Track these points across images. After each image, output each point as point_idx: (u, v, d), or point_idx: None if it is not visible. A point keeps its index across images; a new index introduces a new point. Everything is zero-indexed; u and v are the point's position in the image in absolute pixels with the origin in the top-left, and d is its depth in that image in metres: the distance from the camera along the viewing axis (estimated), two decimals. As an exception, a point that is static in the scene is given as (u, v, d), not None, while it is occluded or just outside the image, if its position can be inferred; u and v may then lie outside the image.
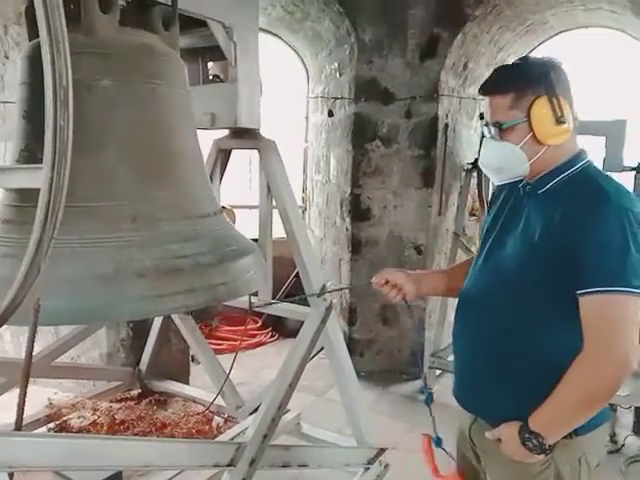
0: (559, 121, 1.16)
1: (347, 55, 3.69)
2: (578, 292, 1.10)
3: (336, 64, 3.91)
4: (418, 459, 1.45)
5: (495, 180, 1.32)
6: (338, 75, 3.90)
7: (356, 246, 3.77)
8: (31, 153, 1.36)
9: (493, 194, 1.42)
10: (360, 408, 2.35)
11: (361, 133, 3.63)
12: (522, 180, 1.28)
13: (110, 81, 1.38)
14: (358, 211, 3.73)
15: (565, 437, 1.17)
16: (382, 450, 2.31)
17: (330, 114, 3.98)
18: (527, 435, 1.14)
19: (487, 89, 1.24)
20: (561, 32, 4.14)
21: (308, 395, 3.30)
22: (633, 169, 2.99)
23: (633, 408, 2.97)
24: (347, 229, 3.80)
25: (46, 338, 2.95)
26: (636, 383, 2.56)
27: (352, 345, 3.64)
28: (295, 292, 4.09)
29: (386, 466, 2.34)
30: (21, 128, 1.43)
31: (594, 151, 3.09)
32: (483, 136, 1.28)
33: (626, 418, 3.03)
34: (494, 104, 1.22)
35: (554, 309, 1.16)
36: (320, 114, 4.31)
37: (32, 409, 2.66)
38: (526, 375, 1.18)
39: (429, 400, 1.47)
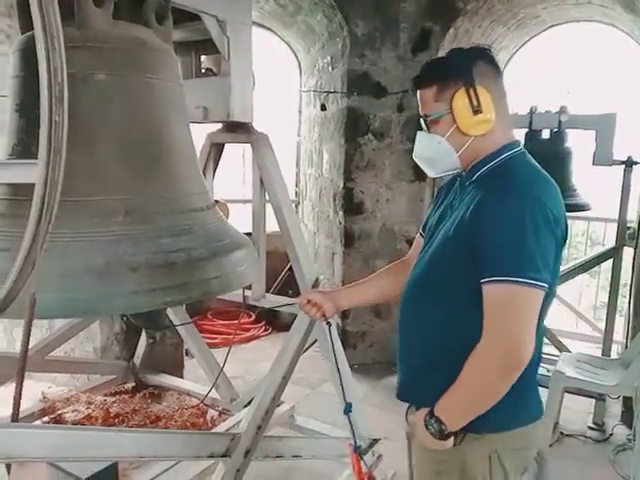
0: (475, 110, 1.17)
1: (340, 49, 3.70)
2: (480, 281, 1.11)
3: (329, 58, 3.91)
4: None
5: (430, 173, 1.34)
6: (331, 69, 3.90)
7: (349, 239, 3.79)
8: (25, 147, 1.36)
9: (438, 191, 1.45)
10: (354, 400, 2.37)
11: (354, 127, 3.63)
12: (460, 174, 1.30)
13: (104, 75, 1.38)
14: (351, 205, 3.75)
15: (475, 431, 1.19)
16: (375, 441, 2.34)
17: (323, 108, 3.98)
18: (429, 419, 1.17)
19: (415, 82, 1.27)
20: (552, 26, 4.16)
21: (302, 388, 3.32)
22: (622, 163, 3.02)
23: (621, 398, 3.02)
24: (340, 222, 3.82)
25: (39, 332, 2.95)
26: (624, 373, 2.60)
27: (345, 337, 3.67)
28: (288, 286, 4.11)
29: (379, 456, 2.38)
30: (14, 122, 1.43)
31: (584, 145, 3.13)
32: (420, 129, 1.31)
33: (615, 408, 3.08)
34: (422, 96, 1.25)
35: (467, 299, 1.17)
36: (313, 108, 4.31)
37: (26, 403, 2.66)
38: (445, 362, 1.19)
39: (348, 410, 1.55)
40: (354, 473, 1.47)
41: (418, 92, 1.27)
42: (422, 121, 1.27)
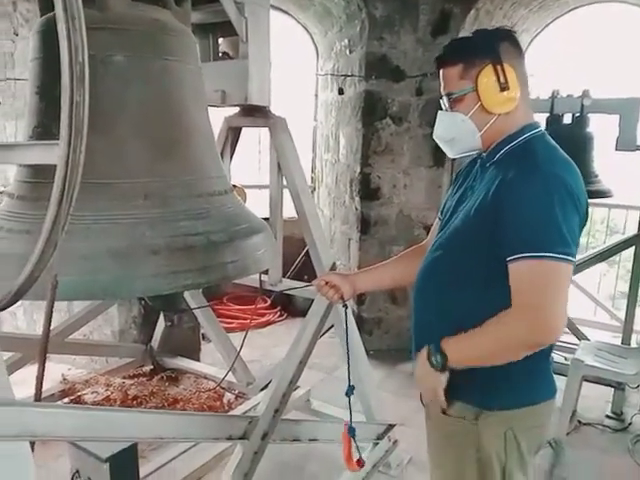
0: (502, 88, 1.17)
1: (357, 32, 3.64)
2: (507, 259, 1.10)
3: (346, 41, 3.86)
4: (425, 436, 1.47)
5: (450, 153, 1.33)
6: (348, 52, 3.85)
7: (365, 225, 3.76)
8: (45, 129, 1.37)
9: (455, 176, 1.44)
10: (369, 386, 2.38)
11: (371, 111, 3.59)
12: (480, 156, 1.30)
13: (123, 57, 1.38)
14: (368, 190, 3.72)
15: (490, 409, 1.21)
16: (391, 426, 2.34)
17: (340, 92, 3.94)
18: (434, 350, 1.18)
19: (440, 61, 1.26)
20: (575, 8, 4.05)
21: (318, 373, 3.33)
22: (647, 148, 2.94)
23: (641, 387, 2.98)
24: (356, 208, 3.80)
25: (58, 315, 3.00)
26: (645, 362, 2.57)
27: (361, 324, 3.66)
28: (304, 272, 4.12)
29: (395, 442, 2.38)
30: (34, 105, 1.43)
31: (607, 129, 3.06)
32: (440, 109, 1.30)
33: (634, 397, 3.04)
34: (446, 75, 1.25)
35: (486, 280, 1.17)
36: (330, 92, 4.27)
37: (46, 385, 2.69)
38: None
39: (350, 392, 1.54)
40: (343, 454, 1.48)
41: (441, 71, 1.26)
42: (444, 101, 1.26)
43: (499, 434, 1.22)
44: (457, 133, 1.26)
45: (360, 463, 1.49)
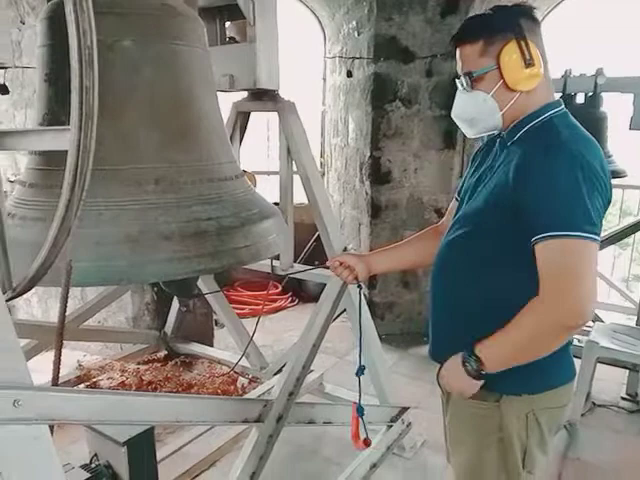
0: (528, 64, 1.13)
1: (366, 13, 3.59)
2: (532, 240, 1.08)
3: (354, 22, 3.81)
4: (439, 419, 1.48)
5: (469, 133, 1.30)
6: (356, 34, 3.80)
7: (376, 210, 3.74)
8: (55, 116, 1.37)
9: (473, 156, 1.41)
10: (382, 369, 2.38)
11: (381, 94, 3.55)
12: (499, 135, 1.27)
13: (131, 41, 1.37)
14: (378, 174, 3.69)
15: (514, 393, 1.20)
16: (404, 409, 2.35)
17: (349, 75, 3.90)
18: (468, 356, 1.17)
19: (458, 39, 1.22)
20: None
21: (330, 357, 3.35)
22: (663, 127, 2.89)
23: (656, 369, 2.96)
24: (367, 193, 3.78)
25: (72, 302, 3.03)
26: (660, 343, 2.55)
27: (373, 308, 3.66)
28: (314, 257, 4.12)
29: (408, 424, 2.39)
30: (43, 92, 1.43)
31: (622, 109, 3.00)
32: (456, 89, 1.26)
33: (648, 379, 3.03)
34: (465, 54, 1.20)
35: (507, 260, 1.16)
36: (338, 75, 4.22)
37: (62, 371, 2.70)
38: (483, 320, 1.18)
39: (360, 372, 1.52)
40: (351, 433, 1.48)
41: (459, 49, 1.22)
42: (462, 80, 1.21)
43: (521, 416, 1.22)
44: (477, 112, 1.22)
45: (367, 442, 1.50)
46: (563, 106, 1.22)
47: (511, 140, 1.21)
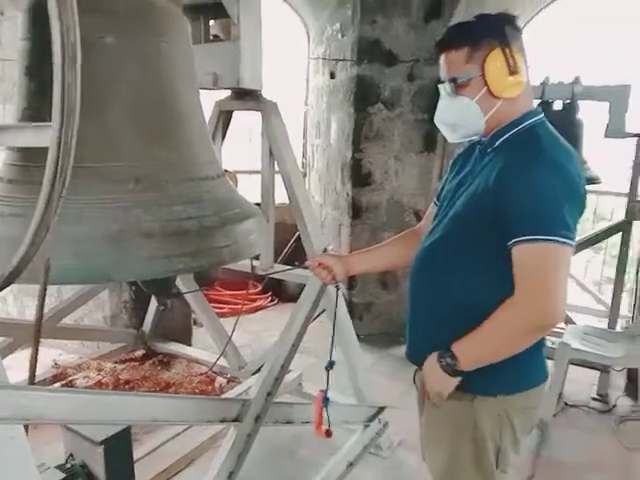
0: (512, 71, 1.16)
1: (350, 15, 3.61)
2: (509, 243, 1.11)
3: (338, 24, 3.82)
4: (416, 418, 1.50)
5: (451, 138, 1.32)
6: (340, 36, 3.82)
7: (356, 211, 3.76)
8: (35, 111, 1.35)
9: (453, 161, 1.43)
10: (359, 369, 2.40)
11: (363, 96, 3.57)
12: (479, 141, 1.29)
13: (114, 38, 1.36)
14: (359, 176, 3.71)
15: (488, 394, 1.23)
16: (381, 409, 2.37)
17: (332, 76, 3.91)
18: (444, 353, 1.20)
19: (443, 45, 1.24)
20: (568, -7, 4.04)
21: (309, 357, 3.34)
22: (636, 135, 2.97)
23: (625, 370, 3.04)
24: (348, 194, 3.80)
25: (49, 300, 2.98)
26: (630, 345, 2.62)
27: (352, 308, 3.68)
28: (295, 257, 4.12)
29: (385, 424, 2.42)
30: (23, 86, 1.41)
31: (597, 117, 3.07)
32: (439, 95, 1.29)
33: (619, 380, 3.10)
34: (449, 60, 1.22)
35: (486, 264, 1.19)
36: (321, 76, 4.24)
37: (38, 369, 2.65)
38: (459, 324, 1.20)
39: (330, 366, 1.60)
40: (314, 421, 1.52)
41: (443, 55, 1.23)
42: (446, 86, 1.23)
43: (494, 415, 1.24)
44: (460, 118, 1.24)
45: (329, 433, 1.53)
46: (542, 114, 1.25)
47: (492, 146, 1.24)
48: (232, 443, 1.67)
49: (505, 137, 1.22)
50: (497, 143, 1.23)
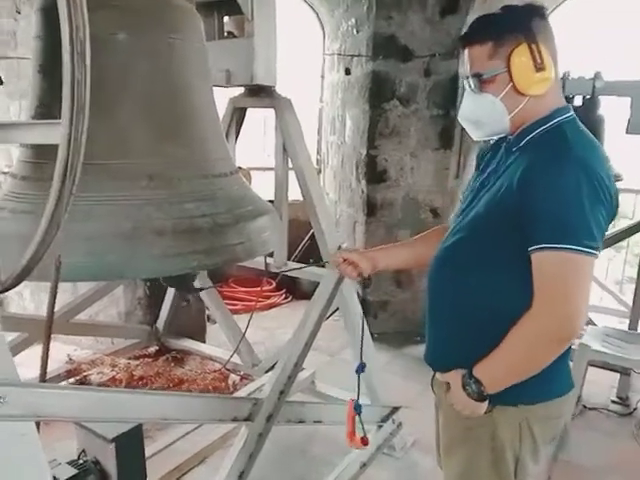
0: (538, 68, 1.11)
1: (365, 11, 3.57)
2: (529, 249, 1.07)
3: (353, 20, 3.79)
4: (430, 419, 1.47)
5: (475, 135, 1.27)
6: (355, 32, 3.78)
7: (371, 208, 3.73)
8: (47, 109, 1.35)
9: (479, 158, 1.38)
10: (374, 368, 2.38)
11: (379, 92, 3.54)
12: (506, 139, 1.24)
13: (126, 35, 1.35)
14: (374, 173, 3.68)
15: (508, 403, 1.18)
16: (395, 409, 2.35)
17: (347, 72, 3.88)
18: (468, 379, 1.16)
19: (466, 39, 1.19)
20: (589, -14, 3.96)
21: (322, 355, 3.34)
22: (659, 131, 2.89)
23: (647, 372, 2.97)
24: (362, 191, 3.77)
25: (64, 296, 3.00)
26: (652, 348, 2.56)
27: (366, 307, 3.65)
28: (309, 254, 4.11)
29: (399, 424, 2.39)
30: (36, 83, 1.41)
31: (619, 112, 3.00)
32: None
33: (639, 382, 3.04)
34: (473, 55, 1.17)
35: (508, 266, 1.14)
36: (336, 72, 4.21)
37: (53, 365, 2.73)
38: (480, 326, 1.17)
39: (360, 370, 1.53)
40: (347, 430, 1.47)
41: (467, 50, 1.18)
42: (470, 81, 1.18)
43: (514, 425, 1.20)
44: (485, 115, 1.20)
45: (365, 441, 1.48)
46: (572, 112, 1.18)
47: (518, 145, 1.18)
48: (243, 442, 1.66)
49: (531, 136, 1.16)
50: (523, 142, 1.17)
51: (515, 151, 1.19)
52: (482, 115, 1.21)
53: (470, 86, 1.19)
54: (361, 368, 1.52)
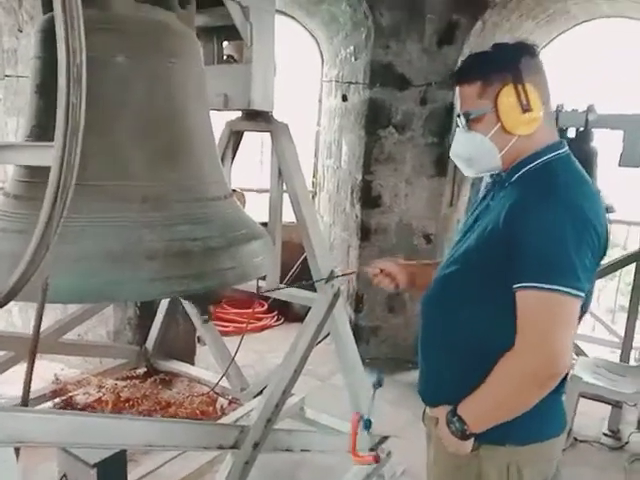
0: (525, 109, 1.11)
1: (363, 39, 3.64)
2: (514, 286, 1.07)
3: (352, 48, 3.85)
4: (420, 448, 1.45)
5: (467, 172, 1.29)
6: (353, 59, 3.84)
7: (365, 233, 3.74)
8: (43, 130, 1.35)
9: (478, 191, 1.38)
10: (364, 395, 2.35)
11: (375, 119, 3.58)
12: (499, 175, 1.25)
13: (125, 58, 1.36)
14: (369, 198, 3.70)
15: (496, 443, 1.16)
16: (385, 438, 2.32)
17: (344, 99, 3.93)
18: (452, 417, 1.15)
19: (456, 78, 1.21)
20: (583, 22, 4.05)
21: (312, 380, 3.30)
22: (650, 165, 2.92)
23: (639, 405, 2.95)
24: (357, 216, 3.78)
25: (54, 314, 2.97)
26: (643, 381, 2.55)
27: (358, 332, 3.64)
28: (302, 277, 4.09)
29: (388, 454, 2.35)
30: (33, 103, 1.42)
31: (611, 145, 3.05)
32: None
33: (631, 415, 3.01)
34: (463, 93, 1.19)
35: (495, 302, 1.14)
36: (334, 98, 4.26)
37: (39, 384, 2.68)
38: (468, 362, 1.16)
39: (377, 385, 1.50)
40: (350, 446, 1.45)
41: (458, 88, 1.20)
42: (460, 119, 1.20)
43: (502, 466, 1.17)
44: (475, 153, 1.21)
45: (377, 458, 1.44)
46: (566, 148, 1.19)
47: (508, 181, 1.18)
48: (229, 470, 1.63)
49: (521, 172, 1.16)
50: (514, 178, 1.17)
51: (507, 187, 1.19)
52: (473, 153, 1.21)
53: (461, 124, 1.20)
54: (378, 384, 1.49)
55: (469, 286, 1.19)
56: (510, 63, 1.13)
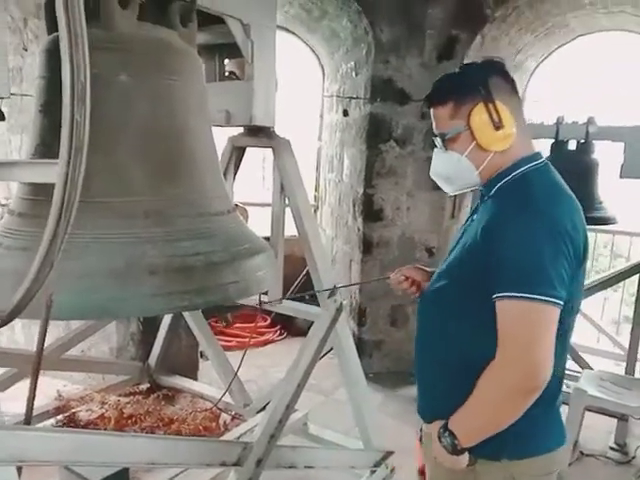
0: (497, 127, 1.14)
1: (364, 54, 3.67)
2: (493, 297, 1.08)
3: (352, 63, 3.89)
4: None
5: (448, 190, 1.32)
6: (354, 74, 3.88)
7: (367, 246, 3.75)
8: (47, 148, 1.36)
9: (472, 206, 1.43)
10: (368, 409, 2.34)
11: (376, 133, 3.60)
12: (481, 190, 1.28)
13: (127, 77, 1.38)
14: (370, 211, 3.71)
15: (492, 458, 1.16)
16: (388, 453, 2.30)
17: (345, 114, 3.96)
18: (443, 432, 1.15)
19: (429, 100, 1.24)
20: (582, 35, 4.08)
21: (316, 395, 3.29)
22: (651, 176, 2.93)
23: (645, 419, 2.92)
24: (359, 229, 3.79)
25: (57, 330, 2.97)
26: (649, 394, 2.52)
27: (361, 346, 3.62)
28: (304, 291, 4.09)
29: (392, 470, 2.33)
30: (38, 122, 1.43)
31: (612, 157, 3.06)
32: (435, 147, 1.28)
33: (638, 429, 2.98)
34: (437, 115, 1.22)
35: (479, 315, 1.14)
36: (335, 113, 4.29)
37: (42, 400, 2.67)
38: (458, 376, 1.17)
39: None
40: (418, 468, 1.43)
41: (432, 110, 1.23)
42: (437, 139, 1.23)
43: (498, 479, 1.17)
44: (454, 171, 1.23)
45: None
46: (542, 159, 1.21)
47: (488, 195, 1.22)
48: (232, 487, 1.62)
49: (498, 185, 1.19)
50: (492, 192, 1.20)
51: (486, 200, 1.22)
52: (451, 172, 1.24)
53: (438, 144, 1.23)
54: None
55: (454, 300, 1.20)
56: (479, 82, 1.15)
